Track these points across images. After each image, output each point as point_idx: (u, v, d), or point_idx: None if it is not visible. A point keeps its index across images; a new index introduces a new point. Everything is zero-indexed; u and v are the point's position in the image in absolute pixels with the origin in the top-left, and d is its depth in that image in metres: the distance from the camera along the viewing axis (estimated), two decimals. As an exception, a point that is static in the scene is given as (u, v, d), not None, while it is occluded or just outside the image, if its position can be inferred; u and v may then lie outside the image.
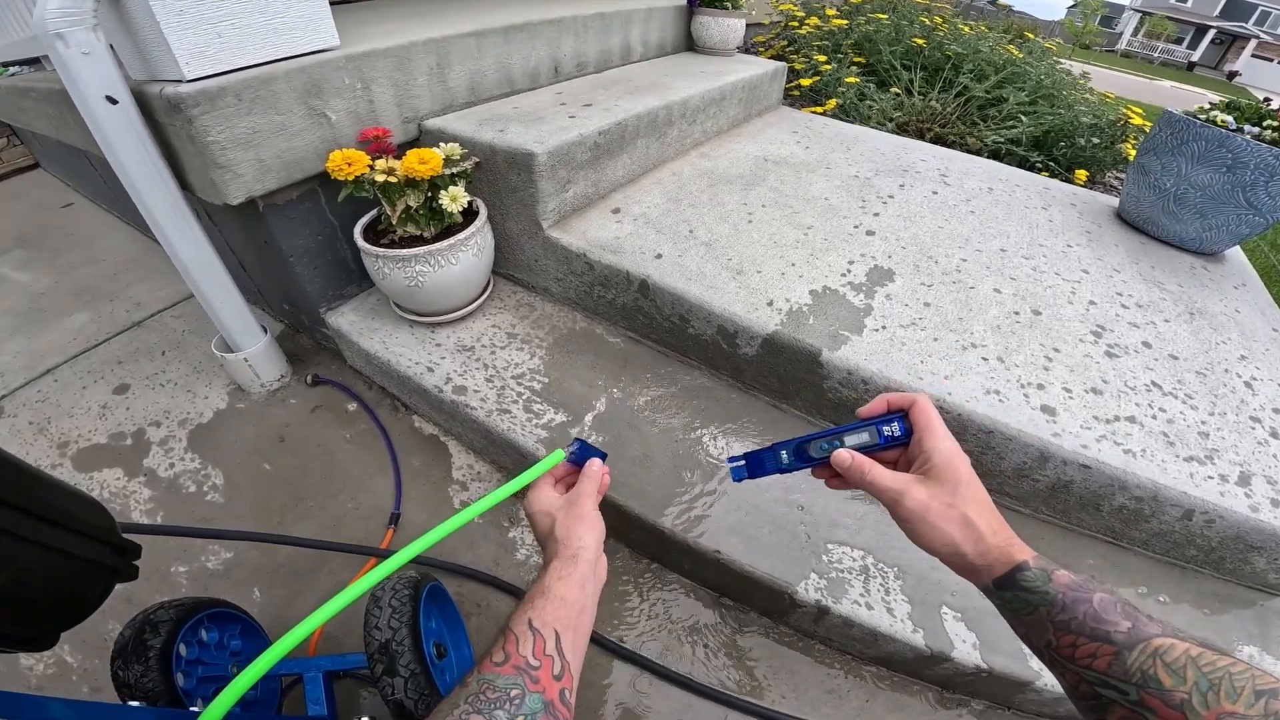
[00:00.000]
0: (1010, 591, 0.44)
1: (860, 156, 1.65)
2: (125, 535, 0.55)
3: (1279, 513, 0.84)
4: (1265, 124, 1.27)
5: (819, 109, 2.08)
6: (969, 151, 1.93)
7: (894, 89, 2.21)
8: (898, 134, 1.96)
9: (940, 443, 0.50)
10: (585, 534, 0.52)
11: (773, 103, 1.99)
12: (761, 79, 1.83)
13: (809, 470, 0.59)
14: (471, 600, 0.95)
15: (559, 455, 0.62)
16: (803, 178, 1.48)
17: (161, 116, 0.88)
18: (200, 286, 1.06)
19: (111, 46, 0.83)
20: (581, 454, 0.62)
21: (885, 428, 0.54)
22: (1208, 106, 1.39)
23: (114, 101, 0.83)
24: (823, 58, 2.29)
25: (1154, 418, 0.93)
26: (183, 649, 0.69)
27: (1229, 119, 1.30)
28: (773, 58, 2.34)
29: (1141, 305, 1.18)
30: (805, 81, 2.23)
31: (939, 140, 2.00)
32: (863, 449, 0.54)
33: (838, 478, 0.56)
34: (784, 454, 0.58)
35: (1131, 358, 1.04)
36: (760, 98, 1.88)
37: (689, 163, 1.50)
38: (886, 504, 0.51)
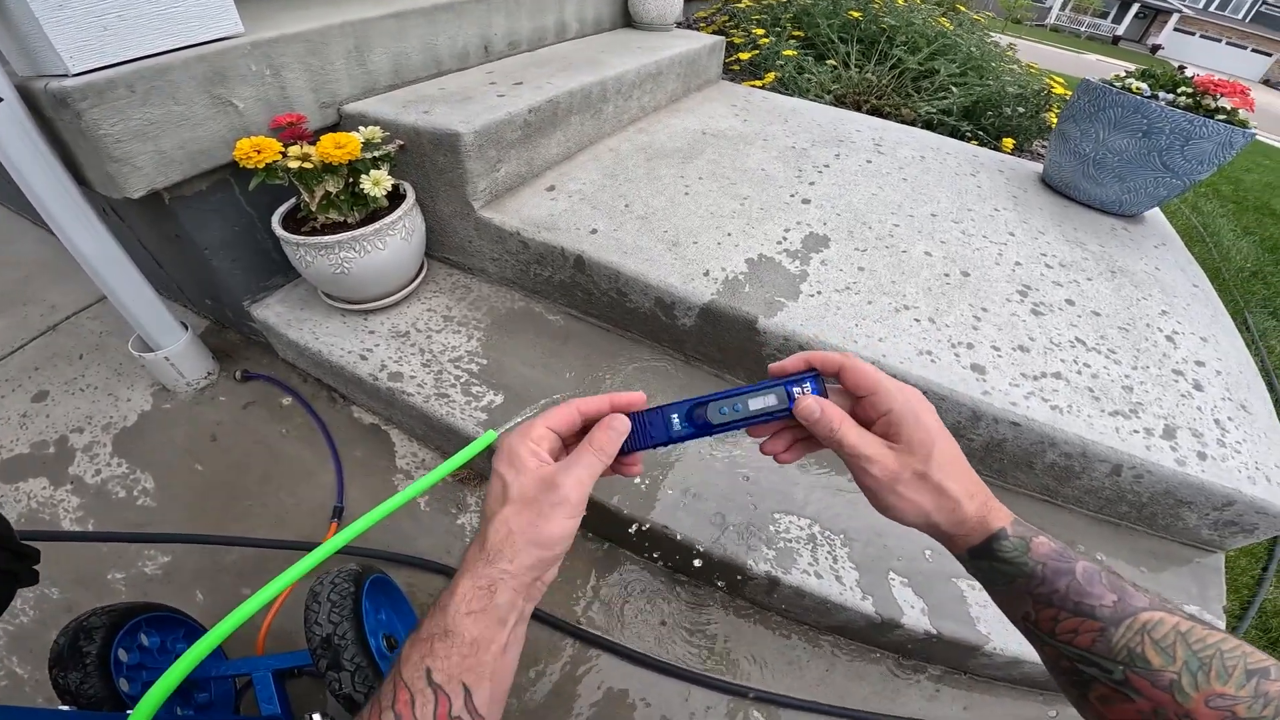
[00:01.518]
0: (985, 561, 0.40)
1: (798, 128, 1.67)
2: (28, 542, 0.54)
3: (1206, 466, 0.86)
4: (1179, 91, 1.33)
5: (758, 83, 2.09)
6: (903, 122, 1.98)
7: (831, 62, 2.23)
8: (835, 106, 1.99)
9: (896, 398, 0.43)
10: (543, 540, 0.38)
11: (712, 77, 1.99)
12: (700, 53, 1.82)
13: (757, 442, 0.50)
14: (424, 590, 0.94)
15: (491, 436, 0.60)
16: (740, 150, 1.49)
17: (50, 112, 0.83)
18: (109, 284, 1.00)
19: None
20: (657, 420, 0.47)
21: (796, 389, 0.46)
22: (1123, 74, 1.44)
23: (-1, 100, 0.77)
24: (761, 31, 2.29)
25: (1079, 373, 0.96)
26: (122, 654, 0.68)
27: (1144, 86, 1.36)
28: (714, 33, 2.33)
29: (1065, 265, 1.23)
30: (744, 55, 2.23)
31: (875, 112, 2.04)
32: (767, 414, 0.46)
33: (789, 447, 0.49)
34: (675, 418, 0.47)
35: (1056, 315, 1.08)
36: (699, 72, 1.88)
37: (626, 138, 1.49)
38: (853, 468, 0.44)
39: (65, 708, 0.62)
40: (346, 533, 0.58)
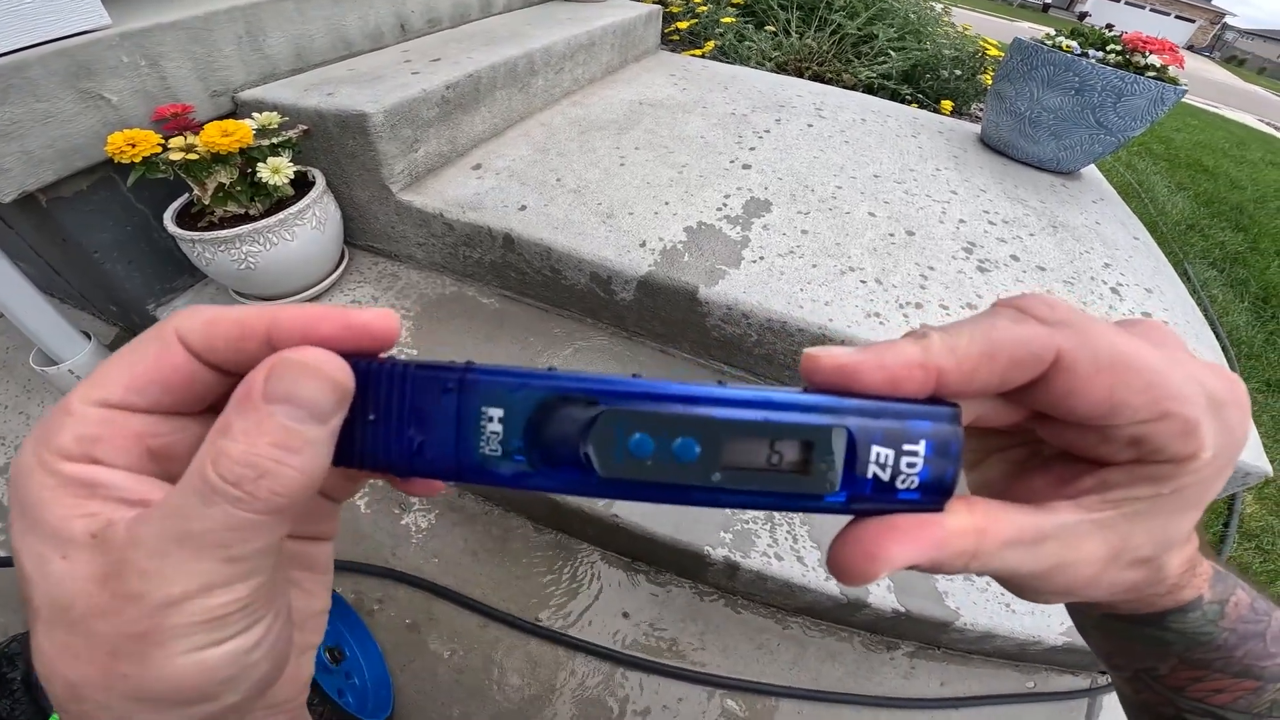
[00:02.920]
0: (1149, 629, 0.25)
1: (738, 95, 1.63)
2: None
3: None
4: (1109, 49, 1.34)
5: (698, 52, 2.04)
6: (845, 87, 1.96)
7: (771, 28, 2.20)
8: (777, 73, 1.96)
9: (1189, 405, 0.17)
10: (162, 694, 0.15)
11: (650, 47, 1.93)
12: (635, 23, 1.77)
13: None
14: (371, 597, 0.89)
15: None
16: (679, 118, 1.45)
17: None
18: (-8, 295, 0.91)
19: None
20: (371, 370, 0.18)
21: (876, 455, 0.17)
22: (1054, 33, 1.45)
23: None
24: None
25: None
26: None
27: (1074, 44, 1.37)
28: (654, 2, 2.27)
29: (1008, 221, 1.23)
30: (683, 25, 2.18)
31: (817, 78, 2.02)
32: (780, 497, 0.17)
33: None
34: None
35: (1002, 271, 1.07)
36: (636, 43, 1.82)
37: (559, 112, 1.43)
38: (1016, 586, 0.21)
39: None
40: None
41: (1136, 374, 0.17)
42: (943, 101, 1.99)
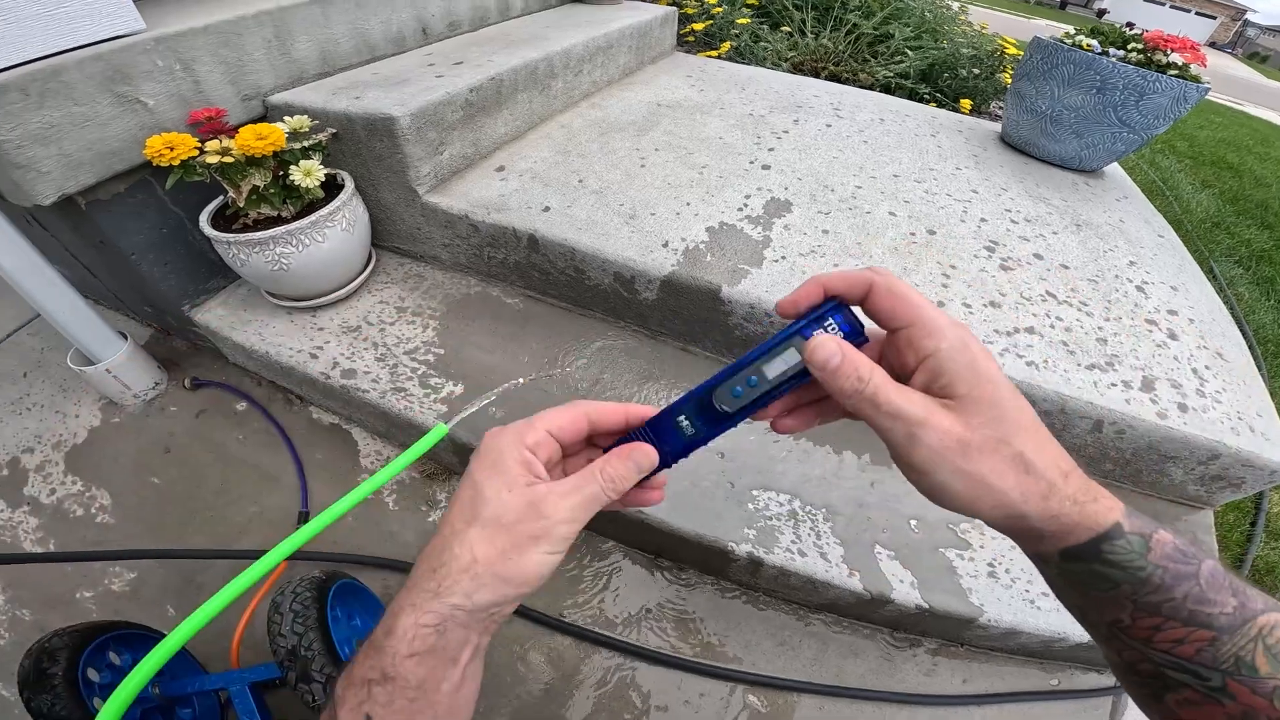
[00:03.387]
0: (1085, 564, 0.30)
1: (755, 96, 1.64)
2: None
3: (1188, 418, 0.84)
4: (1130, 47, 1.33)
5: (714, 53, 2.05)
6: (862, 87, 1.96)
7: (786, 29, 2.20)
8: (793, 73, 1.96)
9: (945, 335, 0.31)
10: (514, 577, 0.31)
11: (666, 49, 1.94)
12: (651, 25, 1.78)
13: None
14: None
15: (442, 430, 0.57)
16: (697, 119, 1.45)
17: None
18: (34, 297, 0.94)
19: None
20: (640, 434, 0.38)
21: (816, 330, 0.34)
22: (1073, 31, 1.44)
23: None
24: (714, 0, 2.25)
25: (1052, 327, 0.95)
26: (92, 674, 0.68)
27: (1094, 43, 1.35)
28: (668, 4, 2.28)
29: (1030, 220, 1.22)
30: (698, 26, 2.19)
31: (833, 78, 2.02)
32: (792, 379, 0.34)
33: (792, 413, 0.37)
34: (684, 422, 0.37)
35: (1025, 269, 1.07)
36: (652, 44, 1.83)
37: (579, 114, 1.44)
38: (892, 439, 0.31)
39: None
40: (302, 533, 0.55)
41: (905, 300, 0.32)
42: (961, 100, 1.98)
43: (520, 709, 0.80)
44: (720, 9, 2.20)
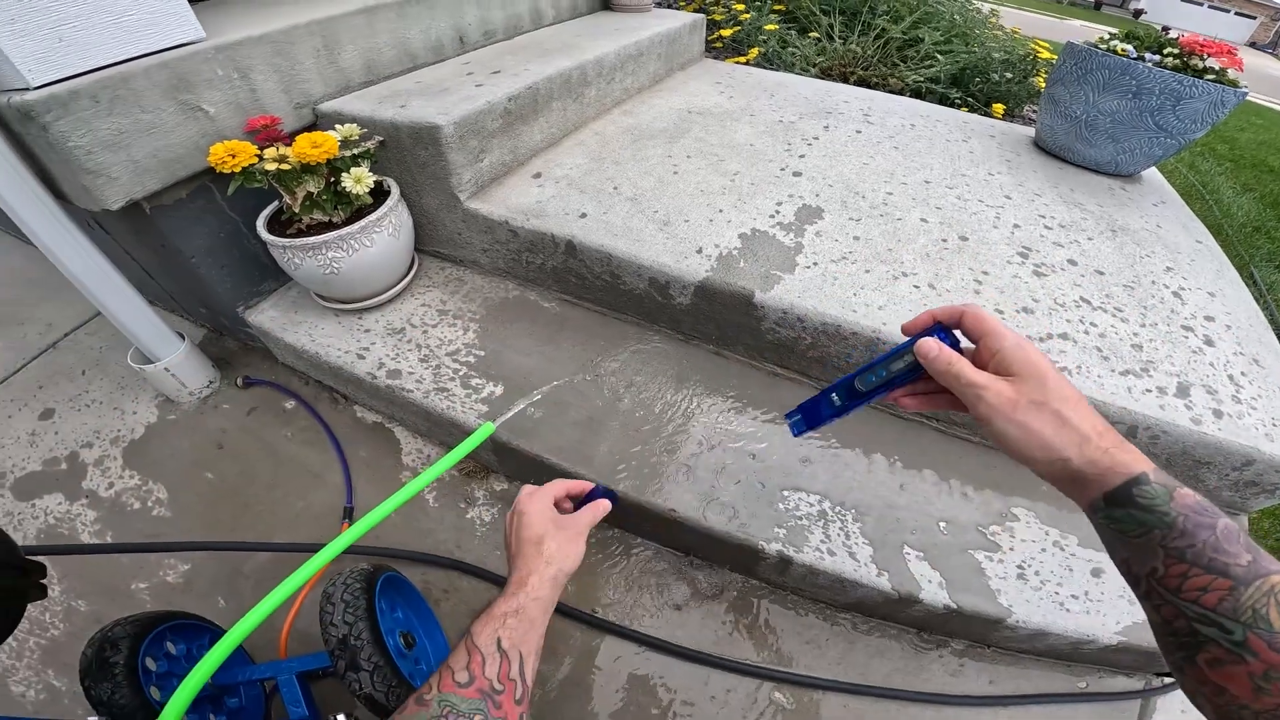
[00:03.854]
0: (1123, 509, 0.38)
1: (784, 102, 1.65)
2: (49, 556, 0.55)
3: (1222, 425, 0.83)
4: (1165, 52, 1.31)
5: (742, 59, 2.06)
6: (891, 92, 1.95)
7: (814, 34, 2.20)
8: (822, 79, 1.96)
9: (1006, 339, 0.45)
10: (573, 558, 0.54)
11: (695, 56, 1.96)
12: (680, 32, 1.80)
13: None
14: (438, 587, 0.94)
15: (489, 428, 0.63)
16: (727, 126, 1.47)
17: (17, 127, 0.82)
18: (100, 299, 0.99)
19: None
20: (603, 492, 0.65)
21: (924, 339, 0.51)
22: (1107, 37, 1.42)
23: (-40, 117, 0.77)
24: (741, 6, 2.27)
25: (1086, 333, 0.94)
26: (150, 663, 0.70)
27: (1129, 48, 1.34)
28: (694, 10, 2.31)
29: (1064, 225, 1.21)
30: (726, 32, 2.20)
31: (862, 82, 2.01)
32: (905, 373, 0.52)
33: (913, 397, 0.53)
34: (834, 397, 0.57)
35: (1059, 275, 1.06)
36: (681, 51, 1.85)
37: (611, 121, 1.47)
38: (969, 402, 0.46)
39: (92, 718, 0.63)
40: (352, 532, 0.59)
41: (984, 321, 0.47)
42: (994, 104, 1.97)
43: (550, 702, 0.82)
44: (748, 15, 2.22)
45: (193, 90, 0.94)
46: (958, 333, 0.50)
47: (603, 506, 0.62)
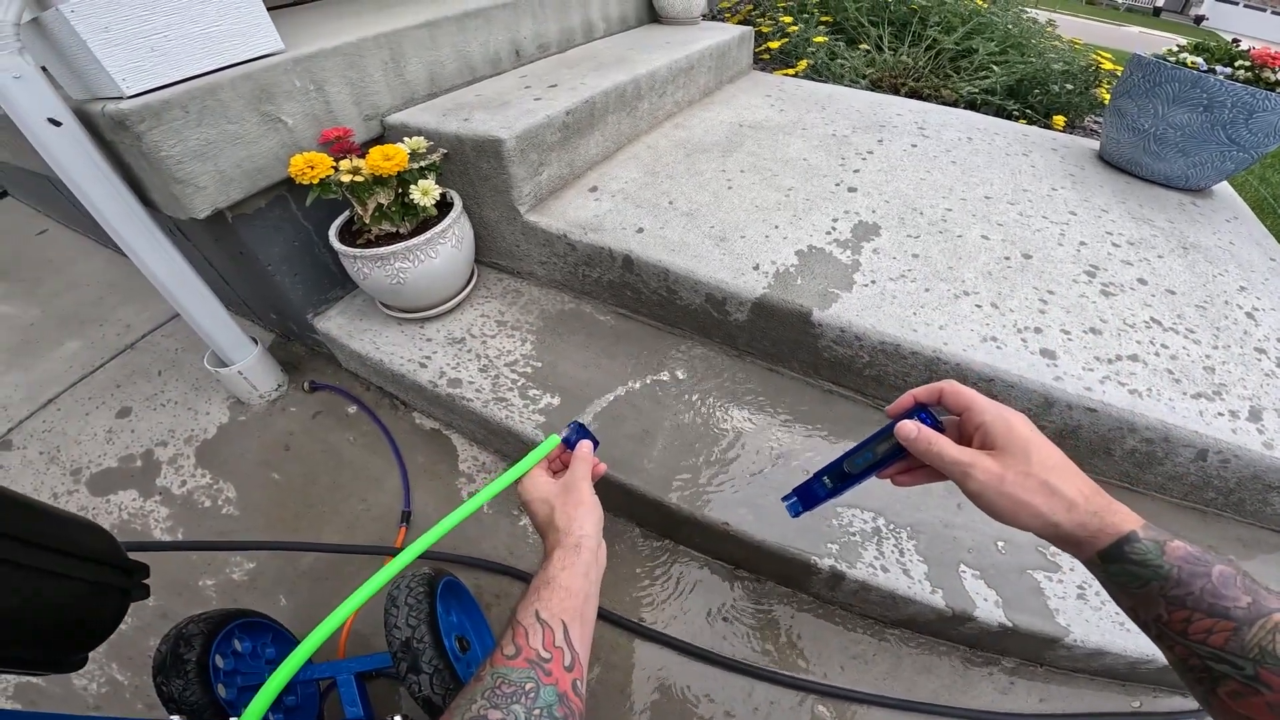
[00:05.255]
0: (1117, 565, 0.40)
1: (836, 115, 1.64)
2: (133, 554, 0.56)
3: None
4: (1237, 65, 1.27)
5: (790, 71, 2.05)
6: (944, 103, 1.92)
7: (863, 45, 2.18)
8: (872, 90, 1.94)
9: (988, 411, 0.47)
10: (585, 521, 0.53)
11: (743, 68, 1.97)
12: (729, 45, 1.80)
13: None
14: (490, 592, 0.96)
15: (554, 440, 0.62)
16: (779, 140, 1.47)
17: (110, 135, 0.86)
18: (181, 303, 1.04)
19: (45, 69, 0.81)
20: (576, 437, 0.62)
21: (904, 421, 0.52)
22: (1176, 49, 1.38)
23: (57, 124, 0.81)
24: (789, 19, 2.26)
25: (1157, 355, 0.92)
26: (219, 660, 0.71)
27: (1199, 60, 1.30)
28: (740, 23, 2.31)
29: (1133, 243, 1.17)
30: (774, 44, 2.20)
31: (914, 94, 1.98)
32: (890, 455, 0.52)
33: (906, 473, 0.54)
34: (826, 480, 0.58)
35: (1128, 295, 1.03)
36: (730, 64, 1.86)
37: (664, 134, 1.48)
38: (957, 479, 0.46)
39: (175, 718, 0.63)
40: (425, 539, 0.60)
41: (963, 395, 0.49)
42: (1054, 117, 1.91)
43: (592, 708, 0.82)
44: (796, 27, 2.21)
45: (273, 101, 0.97)
46: (937, 412, 0.52)
47: (584, 451, 0.60)
